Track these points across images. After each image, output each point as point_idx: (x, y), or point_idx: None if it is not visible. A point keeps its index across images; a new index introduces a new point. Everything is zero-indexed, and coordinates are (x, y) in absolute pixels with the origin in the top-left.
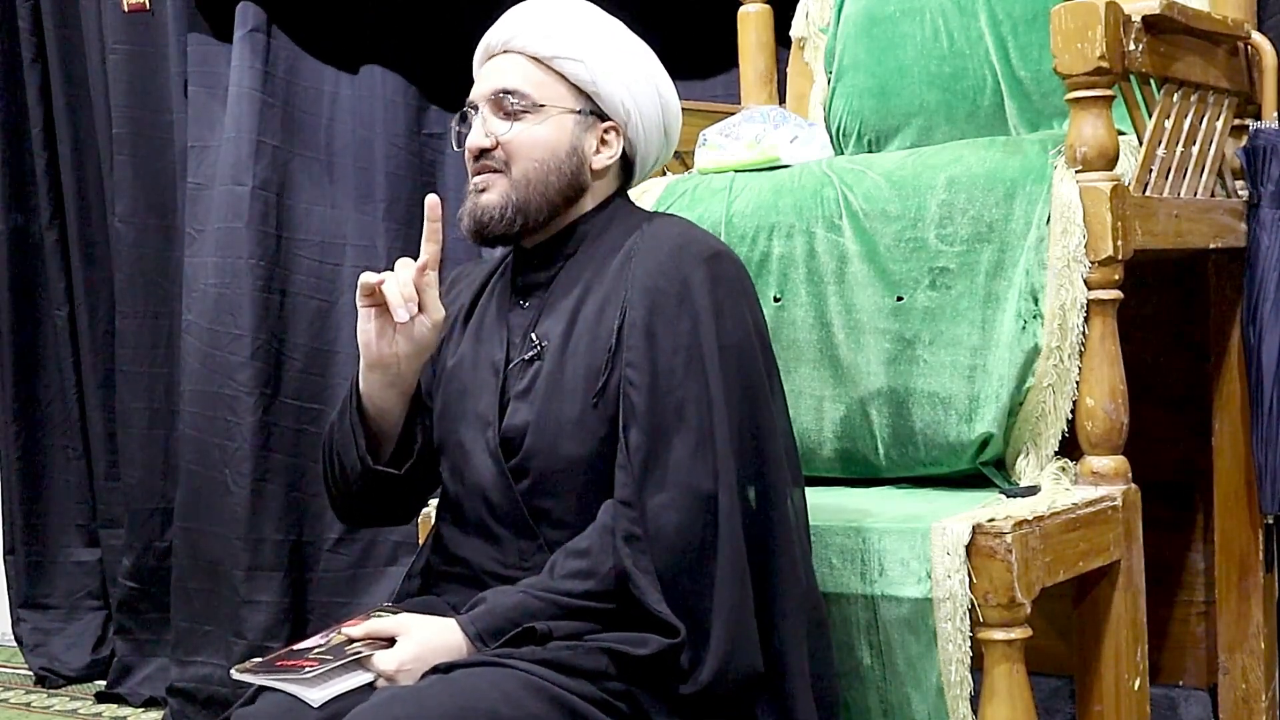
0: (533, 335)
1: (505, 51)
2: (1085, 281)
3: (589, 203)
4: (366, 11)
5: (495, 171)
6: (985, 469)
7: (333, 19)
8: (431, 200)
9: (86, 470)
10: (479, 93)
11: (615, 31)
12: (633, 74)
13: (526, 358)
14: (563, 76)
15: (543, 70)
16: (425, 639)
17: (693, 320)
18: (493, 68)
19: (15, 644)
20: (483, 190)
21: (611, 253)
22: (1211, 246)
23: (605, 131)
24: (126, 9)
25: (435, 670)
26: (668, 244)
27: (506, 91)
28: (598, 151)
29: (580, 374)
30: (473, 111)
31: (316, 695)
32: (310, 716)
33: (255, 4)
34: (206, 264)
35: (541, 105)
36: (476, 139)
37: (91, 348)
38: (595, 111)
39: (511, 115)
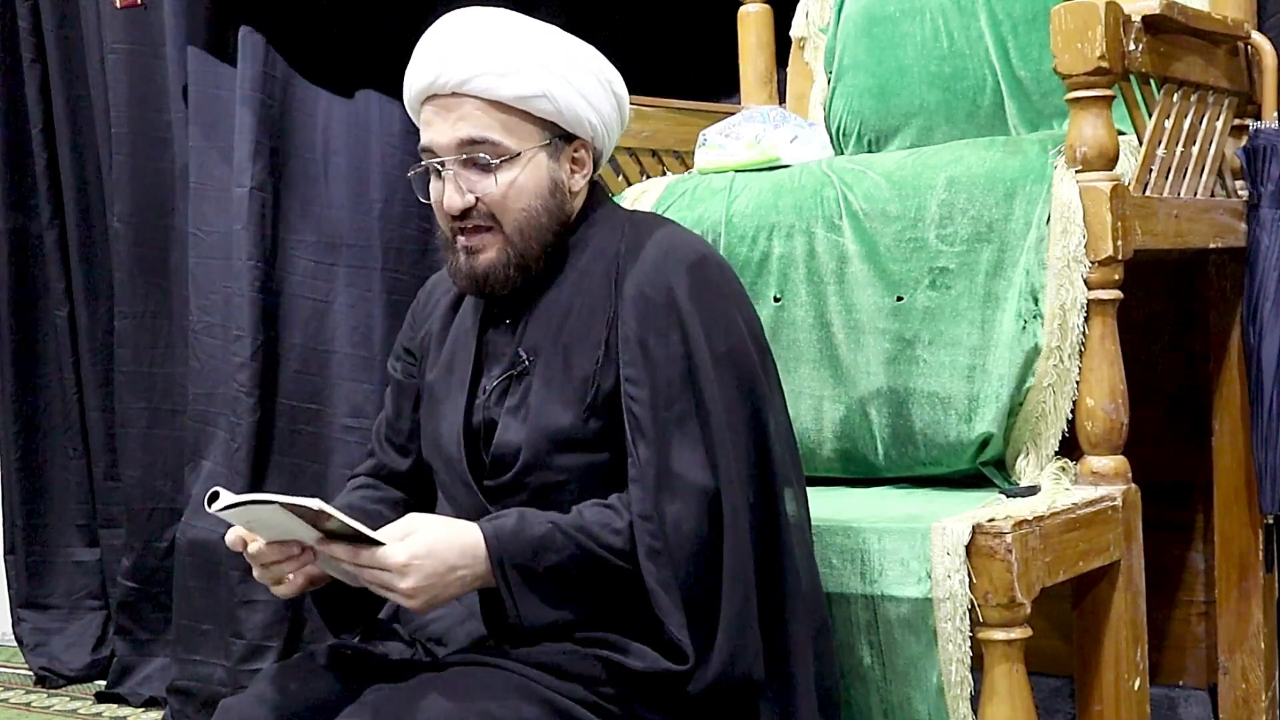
0: (520, 350)
1: (455, 94)
2: (1085, 281)
3: (572, 221)
4: (362, 33)
5: (484, 230)
6: (985, 469)
7: (328, 39)
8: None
9: (86, 470)
10: (440, 144)
11: (560, 47)
12: (588, 85)
13: (516, 373)
14: (527, 113)
15: (507, 112)
16: (438, 535)
17: (682, 332)
18: (446, 114)
19: (15, 644)
20: (478, 251)
21: (595, 260)
22: (1211, 246)
23: (575, 150)
24: (119, 5)
25: (430, 668)
26: (653, 251)
27: (475, 142)
28: (573, 174)
29: (573, 385)
30: (435, 164)
31: (315, 502)
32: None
33: (253, 28)
34: (213, 265)
35: (517, 152)
36: (455, 201)
37: (91, 348)
38: (561, 135)
39: (487, 168)
